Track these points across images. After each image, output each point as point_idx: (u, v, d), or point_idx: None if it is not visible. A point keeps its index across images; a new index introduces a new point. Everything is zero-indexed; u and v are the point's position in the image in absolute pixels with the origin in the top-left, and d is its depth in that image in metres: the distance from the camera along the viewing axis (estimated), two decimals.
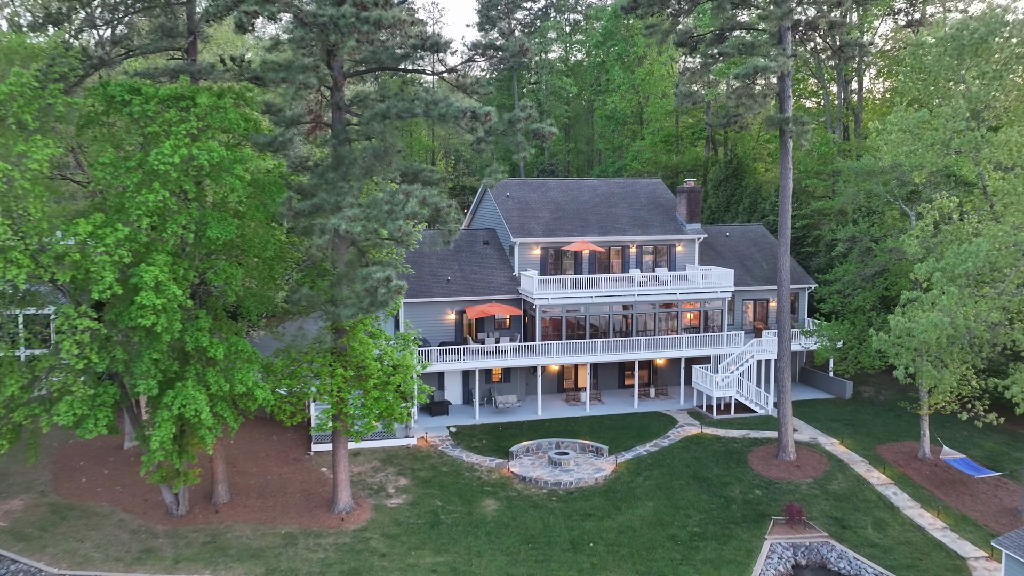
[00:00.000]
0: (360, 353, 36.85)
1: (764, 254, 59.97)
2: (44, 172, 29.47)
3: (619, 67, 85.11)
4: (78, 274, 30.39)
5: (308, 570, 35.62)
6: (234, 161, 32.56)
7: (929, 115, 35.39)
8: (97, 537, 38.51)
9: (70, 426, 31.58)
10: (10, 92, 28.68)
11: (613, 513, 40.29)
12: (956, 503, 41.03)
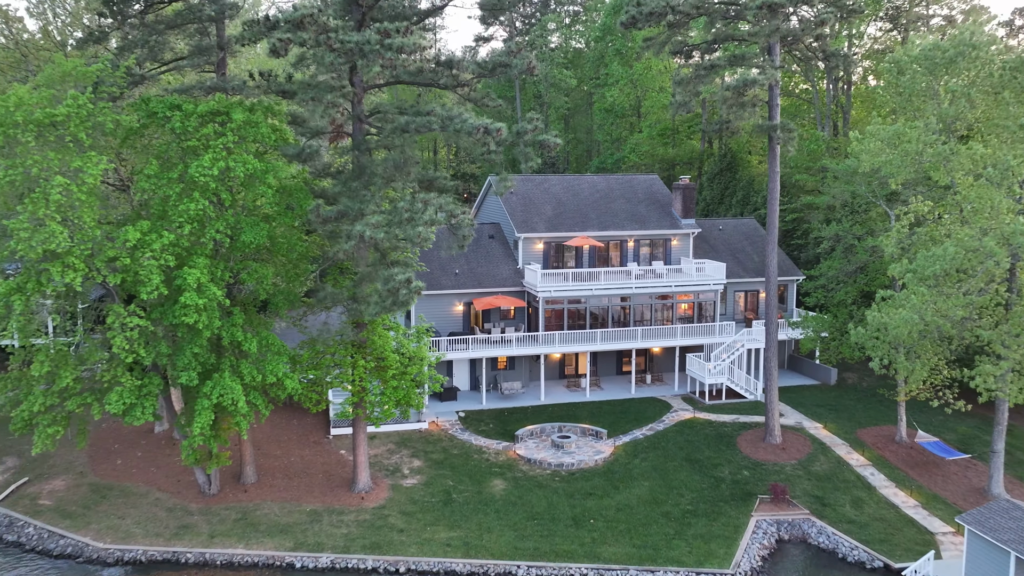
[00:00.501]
0: (379, 346, 40.02)
1: (755, 247, 63.07)
2: (97, 184, 32.48)
3: (617, 62, 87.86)
4: (127, 276, 33.45)
5: (333, 544, 38.96)
6: (265, 171, 35.60)
7: (904, 128, 38.48)
8: (136, 514, 41.83)
9: (119, 414, 34.75)
10: (68, 112, 31.63)
11: (612, 492, 43.63)
12: (928, 483, 44.42)
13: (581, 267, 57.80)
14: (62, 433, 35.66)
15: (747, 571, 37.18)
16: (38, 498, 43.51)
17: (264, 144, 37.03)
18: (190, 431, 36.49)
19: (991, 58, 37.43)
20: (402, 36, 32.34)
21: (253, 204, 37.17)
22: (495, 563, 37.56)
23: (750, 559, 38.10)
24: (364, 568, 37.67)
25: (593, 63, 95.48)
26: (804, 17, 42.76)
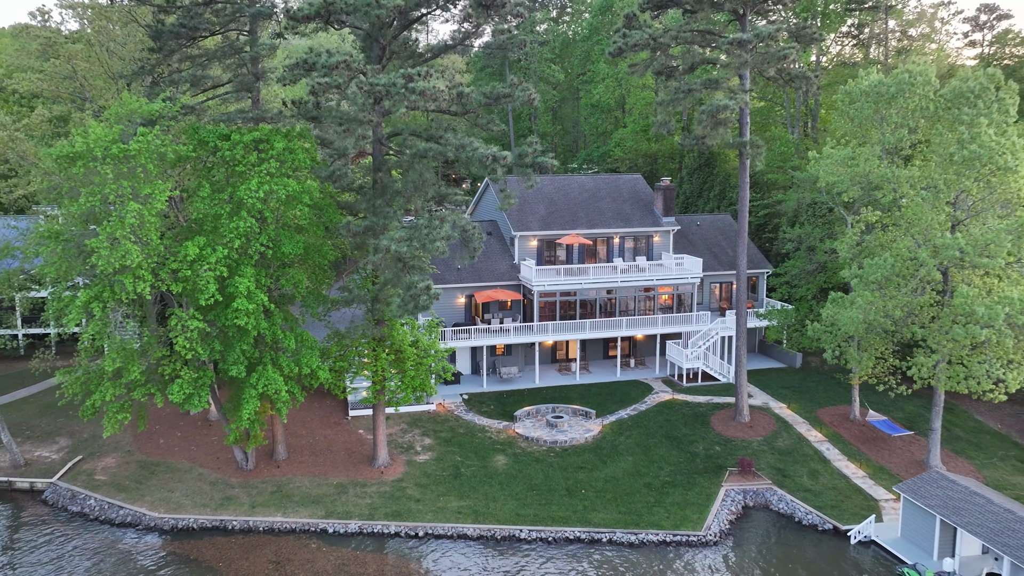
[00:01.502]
0: (398, 340, 45.80)
1: (730, 241, 69.04)
2: (163, 207, 37.94)
3: (603, 60, 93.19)
4: (187, 285, 39.02)
5: (359, 512, 44.96)
6: (302, 192, 41.14)
7: (853, 152, 44.27)
8: (184, 488, 47.65)
9: (179, 402, 40.44)
10: (139, 148, 36.97)
11: (600, 466, 49.80)
12: (876, 456, 50.83)
13: (572, 263, 63.61)
14: (129, 419, 41.35)
15: (716, 533, 43.46)
16: (94, 474, 49.22)
17: (299, 167, 42.46)
18: (237, 416, 42.19)
19: (927, 94, 43.21)
20: (423, 80, 37.81)
21: (291, 219, 42.64)
22: (501, 528, 43.67)
23: (719, 523, 44.38)
24: (388, 533, 43.70)
25: (580, 60, 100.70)
26: (769, 51, 48.31)
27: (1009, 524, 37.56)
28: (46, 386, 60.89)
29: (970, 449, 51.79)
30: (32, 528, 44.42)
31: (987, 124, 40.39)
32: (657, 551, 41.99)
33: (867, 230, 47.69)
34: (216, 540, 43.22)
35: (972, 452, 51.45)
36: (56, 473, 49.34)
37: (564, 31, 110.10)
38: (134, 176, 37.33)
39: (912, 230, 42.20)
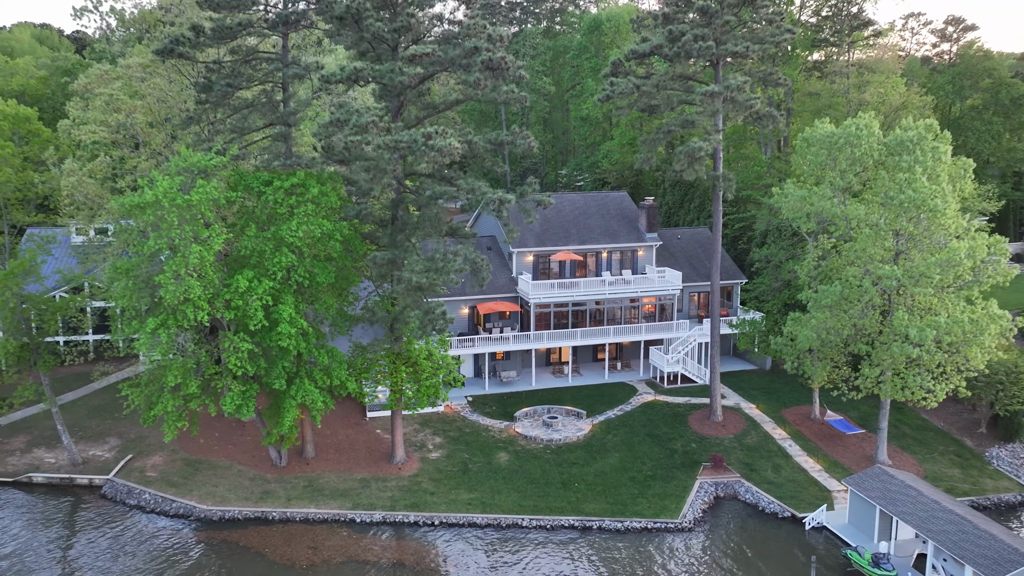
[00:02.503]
0: (415, 354, 52.52)
1: (708, 254, 75.87)
2: (220, 248, 44.45)
3: (592, 79, 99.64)
4: (238, 313, 45.61)
5: (382, 504, 51.81)
6: (334, 230, 47.71)
7: (808, 192, 51.13)
8: (226, 483, 54.36)
9: (231, 411, 47.06)
10: (199, 198, 43.43)
11: (591, 462, 56.77)
12: (832, 452, 57.99)
13: (564, 276, 70.34)
14: (186, 426, 48.03)
15: (691, 521, 50.53)
16: (144, 471, 55.87)
17: (331, 207, 48.96)
18: (279, 423, 48.89)
19: (871, 143, 49.88)
20: (440, 138, 44.38)
21: (323, 252, 49.16)
22: (505, 517, 50.61)
23: (694, 512, 51.45)
24: (407, 522, 50.59)
25: (570, 75, 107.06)
26: (738, 100, 54.96)
27: (934, 513, 44.71)
28: (90, 390, 67.23)
29: (915, 445, 59.05)
30: (97, 519, 51.07)
31: (921, 171, 47.25)
32: (640, 537, 49.05)
33: (823, 256, 54.66)
34: (259, 529, 50.01)
35: (916, 448, 58.71)
36: (111, 470, 55.96)
37: (554, 43, 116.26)
38: (194, 221, 43.80)
39: (858, 260, 49.18)
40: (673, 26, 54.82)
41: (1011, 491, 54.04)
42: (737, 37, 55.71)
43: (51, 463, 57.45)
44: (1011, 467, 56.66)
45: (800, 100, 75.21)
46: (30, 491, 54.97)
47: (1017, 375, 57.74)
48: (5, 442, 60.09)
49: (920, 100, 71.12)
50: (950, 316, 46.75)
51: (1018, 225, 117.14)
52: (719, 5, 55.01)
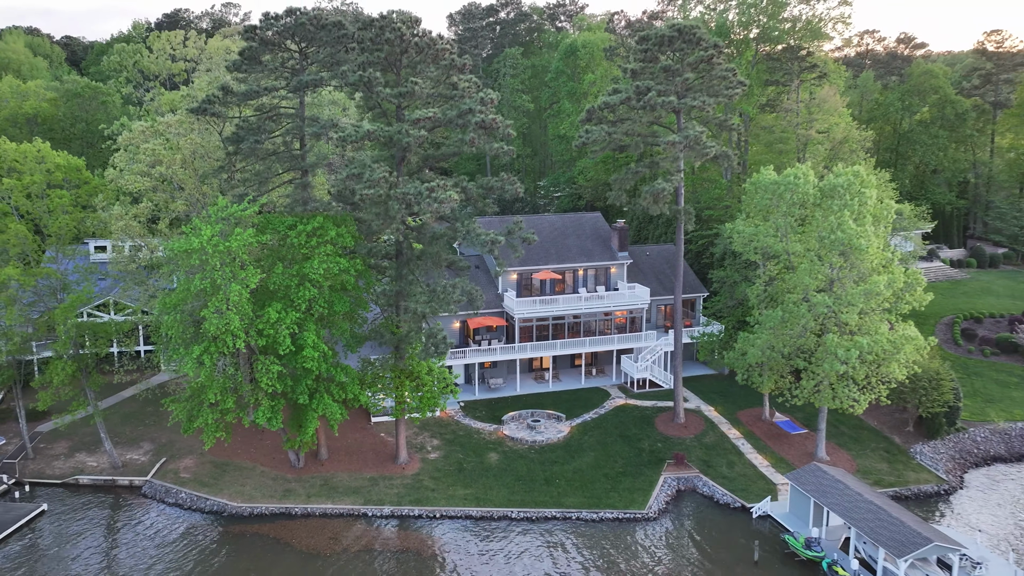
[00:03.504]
0: (417, 370, 60.56)
1: (674, 269, 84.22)
2: (255, 286, 52.18)
3: (568, 100, 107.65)
4: (269, 340, 53.42)
5: (390, 500, 59.90)
6: (349, 266, 55.58)
7: (755, 230, 59.58)
8: (252, 483, 62.21)
9: (262, 423, 54.91)
10: (238, 245, 51.13)
11: (569, 460, 65.15)
12: (779, 450, 66.71)
13: (545, 294, 78.51)
14: (223, 435, 55.84)
15: (656, 511, 59.05)
16: (178, 472, 63.63)
17: (346, 246, 56.78)
18: (302, 431, 56.84)
19: (807, 189, 58.33)
20: (441, 191, 52.33)
21: (340, 284, 56.98)
22: (496, 510, 58.87)
23: (658, 504, 59.97)
24: (412, 515, 58.72)
25: (548, 96, 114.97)
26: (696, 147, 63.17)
27: (857, 504, 53.45)
28: (120, 398, 74.71)
29: (851, 443, 67.93)
30: (141, 515, 58.83)
31: (849, 215, 55.82)
32: (612, 526, 57.56)
33: (770, 282, 63.21)
34: (284, 523, 57.98)
35: (851, 445, 67.60)
36: (149, 472, 63.69)
37: (532, 63, 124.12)
38: (233, 263, 51.52)
39: (797, 289, 57.77)
40: (640, 81, 62.98)
41: (930, 482, 63.07)
42: (696, 91, 63.94)
43: (93, 466, 65.07)
44: (931, 462, 65.68)
45: (755, 132, 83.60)
46: (76, 492, 62.59)
47: (938, 382, 66.68)
48: (49, 447, 67.61)
49: (860, 135, 79.70)
50: (873, 337, 55.44)
51: (961, 232, 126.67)
52: (680, 64, 63.20)
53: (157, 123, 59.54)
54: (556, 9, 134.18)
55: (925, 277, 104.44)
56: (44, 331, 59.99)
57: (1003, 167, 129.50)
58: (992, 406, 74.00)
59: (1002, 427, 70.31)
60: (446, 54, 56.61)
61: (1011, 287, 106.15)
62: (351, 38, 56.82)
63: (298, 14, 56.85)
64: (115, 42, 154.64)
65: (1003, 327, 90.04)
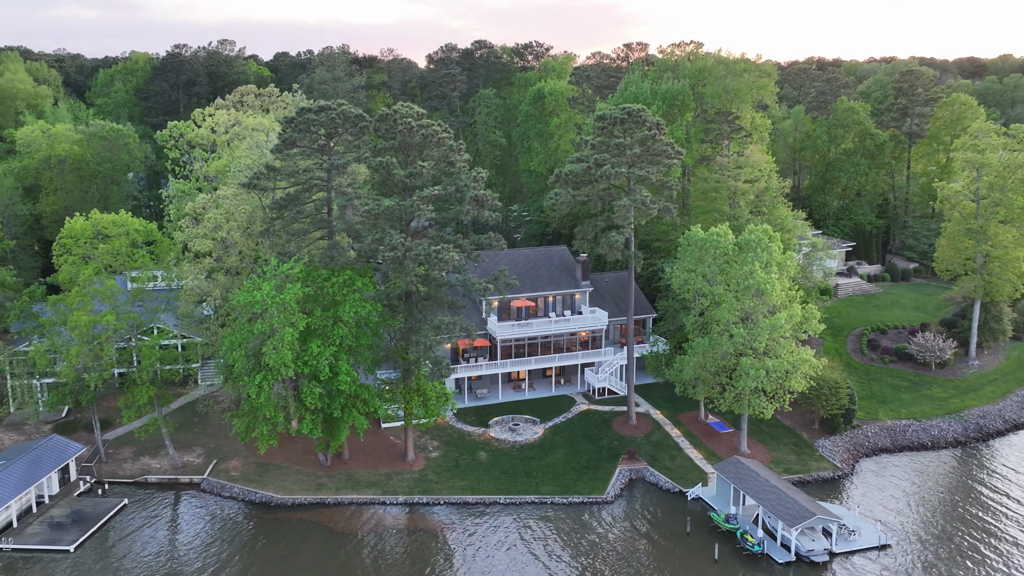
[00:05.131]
0: (424, 388, 76.27)
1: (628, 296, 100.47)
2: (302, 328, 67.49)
3: (537, 141, 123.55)
4: (311, 368, 68.84)
5: (403, 490, 75.64)
6: (372, 310, 71.17)
7: (688, 275, 76.19)
8: (291, 479, 77.56)
9: (305, 432, 70.40)
10: (289, 297, 66.30)
11: (544, 456, 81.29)
12: (711, 445, 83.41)
13: (521, 318, 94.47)
14: (273, 442, 71.21)
15: (613, 496, 75.38)
16: (229, 472, 78.81)
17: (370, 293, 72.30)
18: (335, 439, 72.45)
19: (726, 245, 74.83)
20: (446, 252, 68.08)
21: (364, 322, 72.45)
22: (487, 497, 74.87)
23: (615, 490, 76.34)
24: (421, 502, 74.51)
25: (519, 135, 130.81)
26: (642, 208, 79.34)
27: (765, 488, 70.18)
28: (168, 409, 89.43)
29: (767, 439, 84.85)
30: (205, 506, 74.04)
31: (759, 265, 72.48)
32: (579, 508, 73.87)
33: (701, 313, 79.87)
34: (321, 511, 73.51)
35: (768, 440, 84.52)
36: (204, 471, 78.80)
37: (504, 102, 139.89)
38: (286, 311, 66.89)
39: (720, 323, 74.46)
40: (598, 154, 79.17)
41: (827, 471, 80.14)
42: (642, 162, 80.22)
43: (157, 467, 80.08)
44: (830, 453, 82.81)
45: (695, 181, 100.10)
46: (146, 488, 77.58)
47: (836, 389, 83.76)
48: (117, 452, 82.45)
49: (780, 184, 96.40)
50: (777, 360, 72.26)
51: (881, 248, 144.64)
52: (630, 140, 79.42)
53: (217, 197, 74.53)
54: (524, 50, 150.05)
55: (844, 291, 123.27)
56: (121, 357, 74.97)
57: (917, 190, 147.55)
58: (884, 407, 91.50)
59: (888, 424, 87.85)
60: (445, 140, 72.27)
61: (917, 299, 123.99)
62: (369, 127, 72.33)
63: (328, 109, 72.04)
64: (115, 72, 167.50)
65: (903, 338, 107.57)
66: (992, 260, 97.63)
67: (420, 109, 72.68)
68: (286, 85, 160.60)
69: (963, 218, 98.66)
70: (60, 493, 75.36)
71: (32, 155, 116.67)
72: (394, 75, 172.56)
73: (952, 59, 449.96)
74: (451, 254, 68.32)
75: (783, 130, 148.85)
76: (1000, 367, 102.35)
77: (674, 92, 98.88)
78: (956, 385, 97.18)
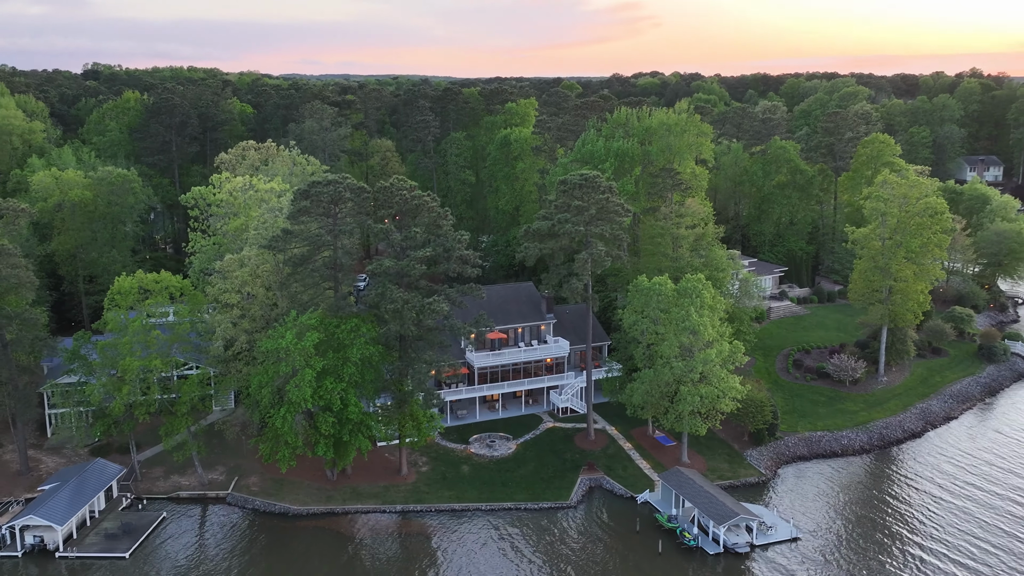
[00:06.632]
0: (416, 413, 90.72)
1: (587, 327, 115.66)
2: (318, 369, 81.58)
3: (504, 183, 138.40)
4: (325, 402, 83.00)
5: (400, 500, 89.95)
6: (374, 352, 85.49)
7: (634, 318, 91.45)
8: (304, 492, 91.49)
9: (320, 454, 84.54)
10: (308, 343, 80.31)
11: (517, 469, 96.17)
12: (657, 457, 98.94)
13: (495, 348, 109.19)
14: (294, 463, 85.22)
15: (575, 502, 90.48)
16: (250, 487, 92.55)
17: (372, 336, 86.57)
18: (343, 459, 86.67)
19: (666, 293, 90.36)
20: (437, 303, 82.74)
21: (367, 361, 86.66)
22: (470, 504, 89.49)
23: (577, 496, 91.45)
24: (415, 510, 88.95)
25: (487, 175, 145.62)
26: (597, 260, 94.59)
27: (700, 493, 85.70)
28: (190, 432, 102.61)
29: (705, 450, 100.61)
30: (233, 517, 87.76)
31: (695, 309, 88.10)
32: (547, 512, 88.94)
33: (648, 347, 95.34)
34: (331, 519, 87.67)
35: (705, 452, 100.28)
36: (228, 487, 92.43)
37: (473, 144, 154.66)
38: (305, 354, 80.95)
39: (662, 357, 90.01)
40: (560, 214, 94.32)
41: (753, 476, 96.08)
42: (597, 220, 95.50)
43: (187, 484, 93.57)
44: (757, 462, 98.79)
45: (643, 228, 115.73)
46: (180, 503, 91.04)
47: (761, 407, 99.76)
48: (150, 471, 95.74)
49: (715, 230, 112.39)
50: (709, 387, 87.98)
51: (811, 272, 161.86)
52: (588, 202, 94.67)
53: (242, 257, 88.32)
54: (492, 95, 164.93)
55: (776, 313, 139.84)
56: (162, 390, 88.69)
57: (843, 218, 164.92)
58: (803, 420, 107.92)
59: (806, 435, 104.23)
60: (434, 208, 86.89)
61: (839, 320, 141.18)
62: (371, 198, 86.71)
63: (336, 183, 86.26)
64: (107, 110, 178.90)
65: (824, 357, 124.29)
66: (896, 292, 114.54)
67: (412, 182, 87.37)
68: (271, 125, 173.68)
69: (871, 256, 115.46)
70: (107, 508, 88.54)
71: (46, 200, 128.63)
72: (369, 113, 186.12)
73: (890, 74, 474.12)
74: (441, 306, 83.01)
75: (724, 165, 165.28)
76: (904, 383, 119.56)
77: (624, 150, 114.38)
78: (866, 400, 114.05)
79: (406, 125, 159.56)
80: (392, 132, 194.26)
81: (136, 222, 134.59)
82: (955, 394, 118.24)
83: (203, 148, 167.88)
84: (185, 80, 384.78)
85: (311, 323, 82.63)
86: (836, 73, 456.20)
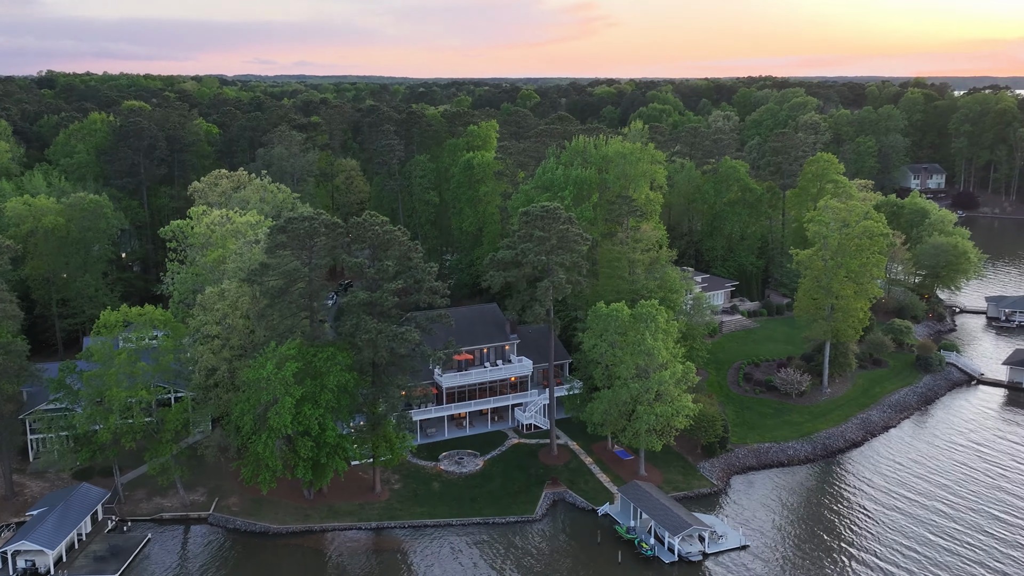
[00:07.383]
0: (389, 436, 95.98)
1: (549, 346, 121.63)
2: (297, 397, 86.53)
3: (468, 206, 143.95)
4: (304, 427, 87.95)
5: (374, 517, 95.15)
6: (350, 379, 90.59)
7: (594, 342, 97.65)
8: (282, 511, 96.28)
9: (300, 476, 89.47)
10: (287, 373, 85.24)
11: (485, 484, 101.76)
12: (616, 470, 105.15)
13: (463, 369, 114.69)
14: (274, 485, 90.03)
15: (540, 515, 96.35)
16: (230, 507, 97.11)
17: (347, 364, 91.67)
18: (320, 480, 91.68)
19: (623, 318, 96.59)
20: (409, 333, 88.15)
21: (343, 388, 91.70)
22: (441, 520, 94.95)
23: (542, 509, 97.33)
24: (389, 526, 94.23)
25: (451, 197, 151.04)
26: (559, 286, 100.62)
27: (657, 505, 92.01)
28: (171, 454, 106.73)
29: (661, 463, 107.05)
30: (215, 536, 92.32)
31: (649, 334, 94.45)
32: (514, 526, 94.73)
33: (607, 367, 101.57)
34: (310, 536, 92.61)
35: (661, 465, 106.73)
36: (210, 508, 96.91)
37: (437, 166, 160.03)
38: (285, 383, 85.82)
39: (620, 378, 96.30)
40: (523, 244, 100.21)
41: (706, 487, 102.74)
42: (558, 249, 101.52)
43: (169, 505, 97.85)
44: (709, 473, 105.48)
45: (601, 252, 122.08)
46: (163, 524, 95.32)
47: (712, 421, 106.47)
48: (133, 493, 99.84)
49: (667, 254, 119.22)
50: (664, 406, 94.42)
51: (760, 286, 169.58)
52: (549, 232, 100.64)
53: (223, 291, 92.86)
54: (454, 119, 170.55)
55: (728, 327, 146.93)
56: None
57: (790, 234, 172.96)
58: (752, 432, 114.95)
59: (755, 447, 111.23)
60: (404, 242, 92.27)
61: (788, 333, 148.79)
62: (344, 232, 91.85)
63: (312, 219, 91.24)
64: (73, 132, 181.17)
65: (772, 370, 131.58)
66: (837, 309, 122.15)
67: (383, 217, 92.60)
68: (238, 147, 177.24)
69: (814, 276, 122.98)
70: (93, 531, 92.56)
71: (19, 226, 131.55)
72: (334, 134, 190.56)
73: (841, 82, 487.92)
74: (413, 335, 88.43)
75: (677, 183, 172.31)
76: (847, 394, 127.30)
77: (583, 178, 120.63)
78: (811, 411, 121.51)
79: (371, 148, 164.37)
80: (356, 148, 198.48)
81: (105, 244, 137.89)
82: (894, 404, 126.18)
83: (171, 170, 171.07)
84: (143, 90, 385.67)
85: (290, 353, 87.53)
86: (787, 80, 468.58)
